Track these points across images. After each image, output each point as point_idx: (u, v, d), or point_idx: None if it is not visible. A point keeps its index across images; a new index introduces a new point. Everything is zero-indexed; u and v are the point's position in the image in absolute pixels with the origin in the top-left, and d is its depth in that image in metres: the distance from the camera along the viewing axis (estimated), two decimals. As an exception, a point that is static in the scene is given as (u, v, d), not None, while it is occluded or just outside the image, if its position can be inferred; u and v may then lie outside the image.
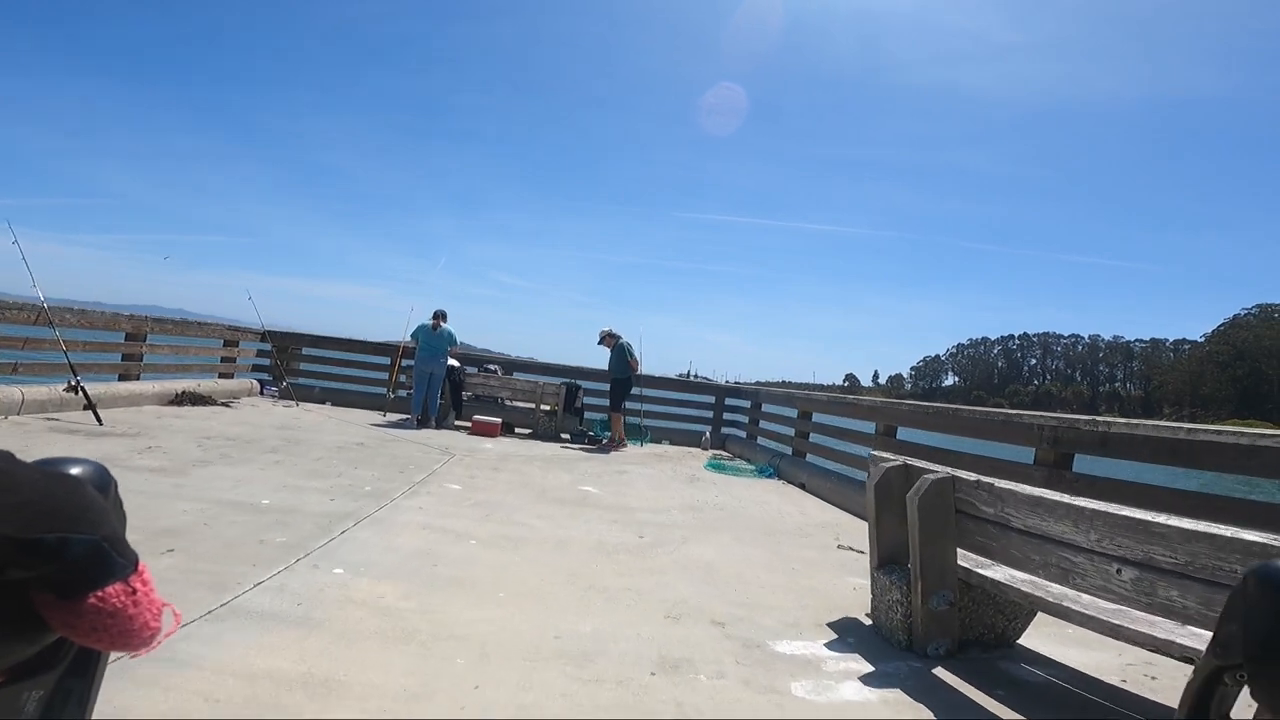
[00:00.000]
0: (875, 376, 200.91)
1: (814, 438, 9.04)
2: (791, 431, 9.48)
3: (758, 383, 13.61)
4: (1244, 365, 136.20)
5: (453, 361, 10.41)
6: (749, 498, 6.98)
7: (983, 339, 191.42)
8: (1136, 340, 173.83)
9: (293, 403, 10.82)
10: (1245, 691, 1.16)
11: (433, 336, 9.56)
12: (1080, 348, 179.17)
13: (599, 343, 10.06)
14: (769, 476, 8.65)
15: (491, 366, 10.70)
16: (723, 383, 12.93)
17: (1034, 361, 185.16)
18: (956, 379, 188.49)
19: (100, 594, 0.87)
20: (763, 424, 10.99)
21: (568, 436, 10.21)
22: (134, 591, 0.91)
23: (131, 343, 8.91)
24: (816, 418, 9.03)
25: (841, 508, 6.78)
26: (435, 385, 9.60)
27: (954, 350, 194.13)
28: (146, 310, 12.89)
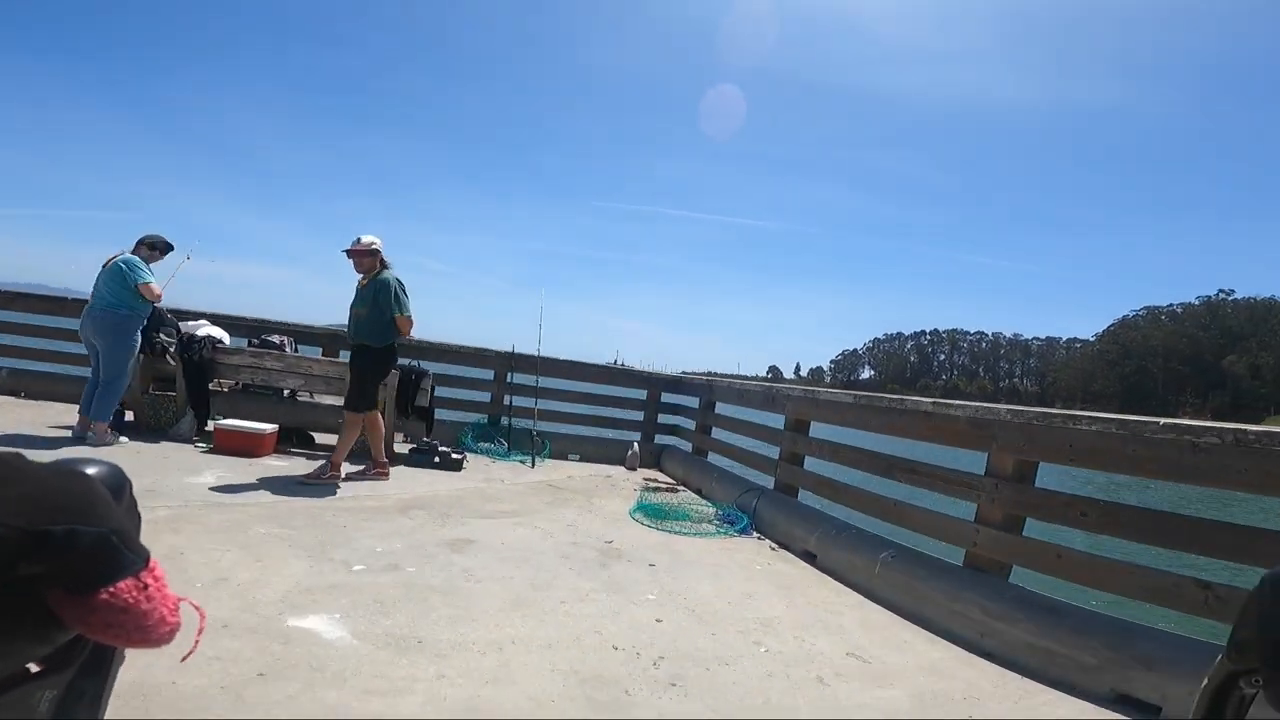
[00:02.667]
0: (797, 369, 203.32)
1: (811, 464, 5.37)
2: (773, 453, 5.76)
3: (707, 374, 9.70)
4: (1131, 363, 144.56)
5: (212, 329, 6.15)
6: (726, 611, 3.20)
7: (897, 334, 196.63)
8: (1034, 338, 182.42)
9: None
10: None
11: (100, 275, 5.36)
12: (984, 344, 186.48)
13: (347, 253, 5.07)
14: (743, 531, 4.92)
15: (275, 339, 6.49)
16: (656, 372, 9.08)
17: (943, 357, 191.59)
18: (873, 372, 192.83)
19: (112, 589, 0.87)
20: (718, 433, 7.25)
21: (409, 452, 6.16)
22: (145, 586, 0.90)
23: None
24: (825, 432, 5.31)
25: (933, 628, 3.13)
26: (103, 361, 5.31)
27: (870, 345, 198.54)
28: (28, 288, 7.47)
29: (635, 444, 7.70)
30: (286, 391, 6.19)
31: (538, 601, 3.01)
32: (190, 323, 6.20)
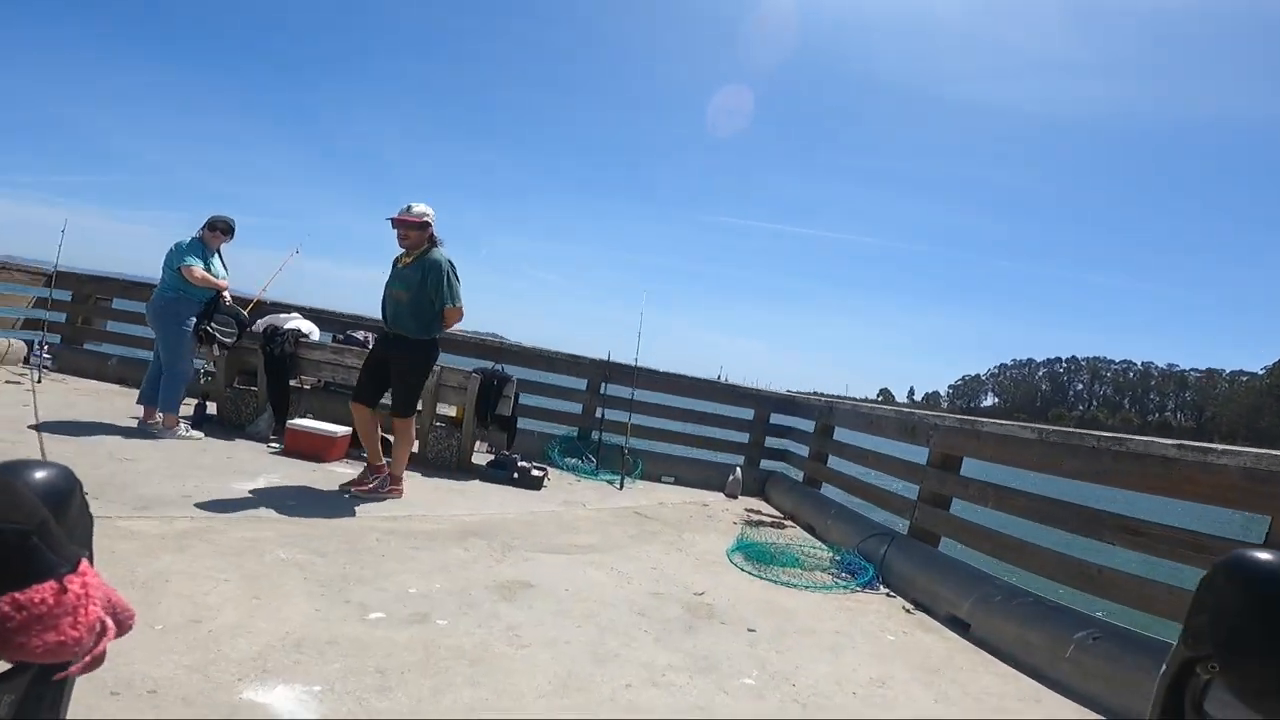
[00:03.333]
0: (910, 393, 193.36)
1: (959, 508, 4.33)
2: (905, 489, 4.74)
3: (814, 395, 8.65)
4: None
5: (300, 322, 5.89)
6: (851, 707, 2.32)
7: (1027, 360, 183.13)
8: (1192, 369, 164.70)
9: (62, 378, 6.56)
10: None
11: (169, 256, 5.11)
12: (1132, 375, 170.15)
13: (393, 222, 4.33)
14: (867, 585, 3.97)
15: (360, 335, 6.14)
16: (765, 390, 8.14)
17: (1080, 386, 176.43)
18: (997, 399, 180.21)
19: (23, 592, 0.78)
20: (836, 463, 6.27)
21: (492, 463, 5.59)
22: (63, 591, 0.81)
23: None
24: (980, 470, 4.27)
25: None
26: (161, 349, 5.09)
27: (995, 370, 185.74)
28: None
29: (738, 469, 6.82)
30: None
31: (595, 683, 2.24)
32: (280, 315, 5.96)
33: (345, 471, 4.78)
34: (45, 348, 6.94)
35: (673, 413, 7.34)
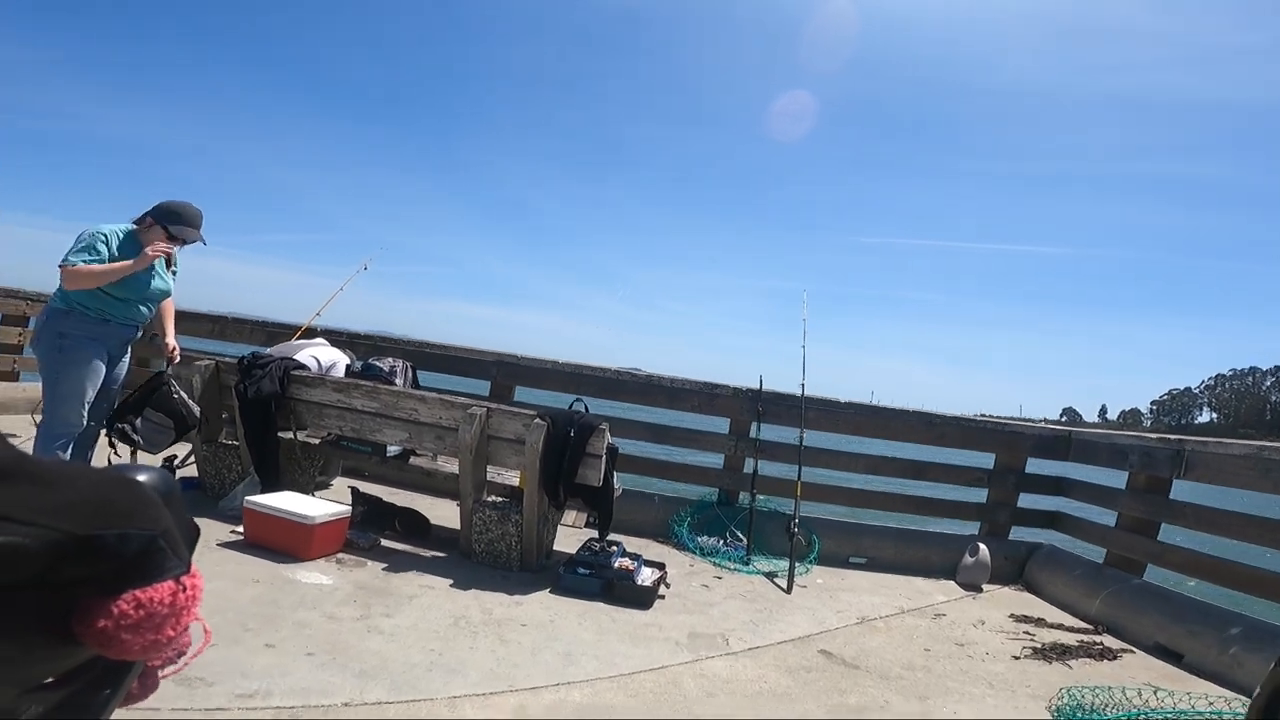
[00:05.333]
0: (1103, 412, 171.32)
1: None
2: None
3: (986, 418, 5.61)
4: None
5: (318, 350, 4.14)
6: None
7: (1250, 369, 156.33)
8: None
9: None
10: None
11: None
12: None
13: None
14: None
15: (385, 364, 4.25)
16: (1016, 423, 5.34)
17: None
18: (1214, 415, 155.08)
19: (148, 590, 0.84)
20: (1176, 534, 3.54)
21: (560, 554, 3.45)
22: (183, 589, 0.87)
23: None
24: None
25: None
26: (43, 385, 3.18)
27: (1210, 382, 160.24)
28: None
29: (980, 545, 4.22)
30: (393, 448, 3.87)
31: None
32: (300, 344, 4.24)
33: (318, 580, 2.82)
34: None
35: (860, 464, 4.85)
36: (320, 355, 4.16)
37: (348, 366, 4.14)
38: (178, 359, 3.61)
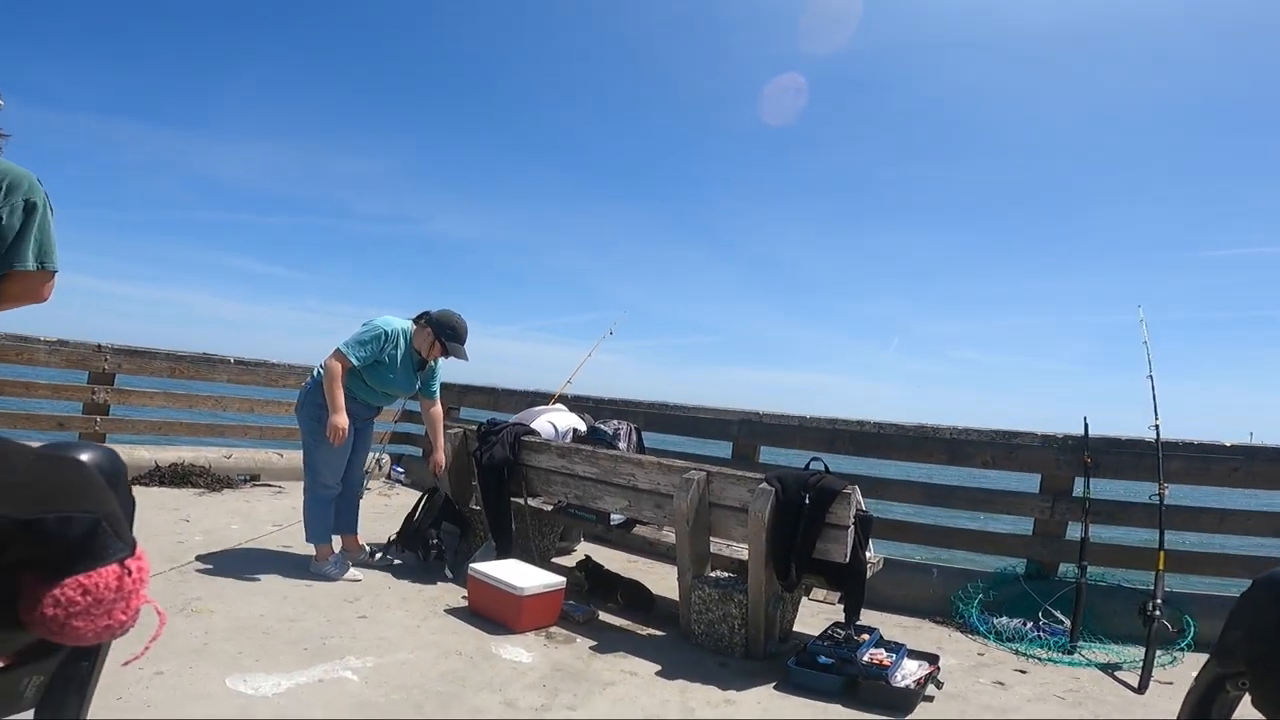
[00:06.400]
0: None
1: None
2: None
3: None
4: None
5: (555, 415, 4.23)
6: None
7: None
8: None
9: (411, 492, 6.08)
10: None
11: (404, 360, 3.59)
12: None
13: None
14: None
15: (610, 427, 4.06)
16: None
17: None
18: None
19: (88, 576, 0.83)
20: None
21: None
22: (129, 573, 0.86)
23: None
24: None
25: None
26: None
27: None
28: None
29: None
30: (616, 516, 3.65)
31: None
32: (541, 410, 4.36)
33: (517, 658, 2.63)
34: (397, 461, 6.70)
35: (1236, 523, 3.39)
36: (557, 420, 4.19)
37: (576, 430, 4.10)
38: (440, 473, 3.95)
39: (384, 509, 4.47)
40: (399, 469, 6.59)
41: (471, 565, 3.20)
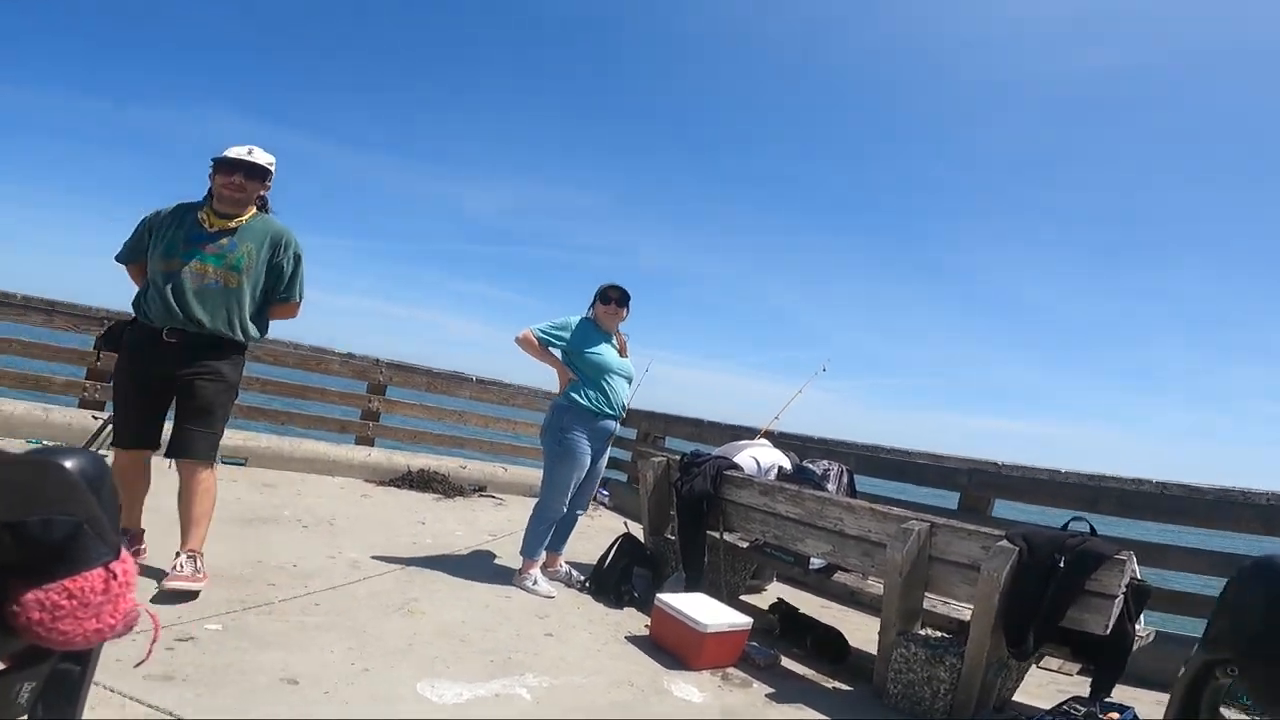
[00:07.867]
0: None
1: None
2: None
3: None
4: None
5: (758, 451, 4.12)
6: None
7: None
8: None
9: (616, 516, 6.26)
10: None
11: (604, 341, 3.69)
12: None
13: (225, 166, 2.76)
14: None
15: (817, 467, 3.75)
16: None
17: None
18: None
19: (73, 580, 0.84)
20: None
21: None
22: (114, 576, 0.88)
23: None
24: None
25: None
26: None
27: None
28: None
29: None
30: (816, 560, 3.37)
31: None
32: (745, 444, 4.26)
33: (688, 696, 2.49)
34: (603, 484, 6.92)
35: None
36: (761, 456, 4.03)
37: (782, 468, 3.89)
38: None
39: (584, 528, 4.59)
40: (604, 491, 6.79)
41: (658, 595, 3.12)
